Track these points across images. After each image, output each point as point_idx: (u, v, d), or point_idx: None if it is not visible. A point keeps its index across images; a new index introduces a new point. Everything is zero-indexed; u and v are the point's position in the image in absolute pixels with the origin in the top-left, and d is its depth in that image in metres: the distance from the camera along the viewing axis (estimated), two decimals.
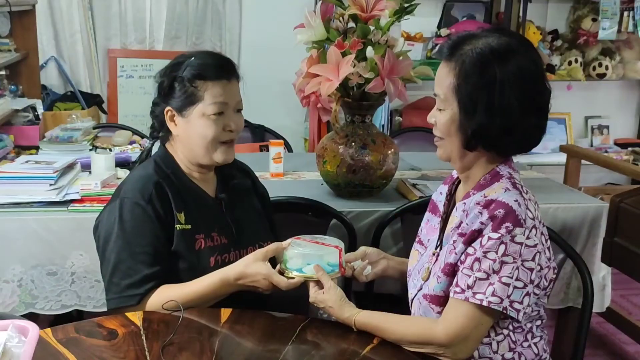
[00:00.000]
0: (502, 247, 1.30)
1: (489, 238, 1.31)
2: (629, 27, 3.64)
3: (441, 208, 1.54)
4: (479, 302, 1.30)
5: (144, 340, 1.36)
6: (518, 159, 3.99)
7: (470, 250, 1.34)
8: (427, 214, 1.60)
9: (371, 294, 2.08)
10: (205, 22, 3.83)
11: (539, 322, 1.46)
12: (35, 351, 1.13)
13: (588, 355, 2.37)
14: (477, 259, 1.31)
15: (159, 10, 3.78)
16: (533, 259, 1.31)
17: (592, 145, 4.26)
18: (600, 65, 4.00)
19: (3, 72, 2.92)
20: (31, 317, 1.86)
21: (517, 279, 1.30)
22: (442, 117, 1.38)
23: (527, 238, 1.30)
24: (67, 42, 3.71)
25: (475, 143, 1.36)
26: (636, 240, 2.28)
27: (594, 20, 3.93)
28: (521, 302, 1.31)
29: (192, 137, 1.59)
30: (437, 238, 1.49)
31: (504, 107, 1.31)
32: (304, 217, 2.07)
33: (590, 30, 3.97)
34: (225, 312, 1.49)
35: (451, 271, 1.38)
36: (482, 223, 1.33)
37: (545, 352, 1.47)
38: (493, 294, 1.29)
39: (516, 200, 1.32)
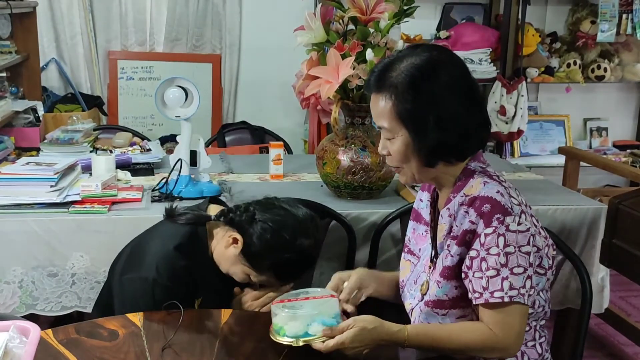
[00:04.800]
0: (501, 239, 1.31)
1: (486, 235, 1.32)
2: (627, 29, 3.65)
3: (426, 216, 1.54)
4: (514, 299, 1.30)
5: (145, 341, 1.36)
6: (517, 160, 4.01)
7: (472, 253, 1.34)
8: (412, 223, 1.60)
9: (370, 297, 2.08)
10: (205, 24, 3.83)
11: (543, 322, 1.47)
12: (36, 352, 1.14)
13: (587, 357, 2.37)
14: (483, 259, 1.32)
15: (159, 13, 3.79)
16: (528, 243, 1.33)
17: (590, 147, 4.27)
18: (599, 67, 4.00)
19: (4, 74, 2.93)
20: (32, 318, 1.86)
21: (517, 266, 1.31)
22: (394, 145, 1.39)
23: (519, 224, 1.32)
24: (68, 44, 3.71)
25: (435, 159, 1.38)
26: (635, 242, 2.29)
27: (593, 22, 3.94)
28: (524, 286, 1.32)
29: (225, 264, 1.61)
30: (431, 248, 1.49)
31: (453, 117, 1.34)
32: None
33: (589, 32, 3.97)
34: (226, 313, 1.50)
35: (451, 274, 1.38)
36: (472, 222, 1.34)
37: (547, 352, 1.48)
38: (511, 287, 1.30)
39: (498, 192, 1.34)
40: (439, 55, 1.38)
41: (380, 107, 1.38)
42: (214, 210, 1.69)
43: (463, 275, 1.37)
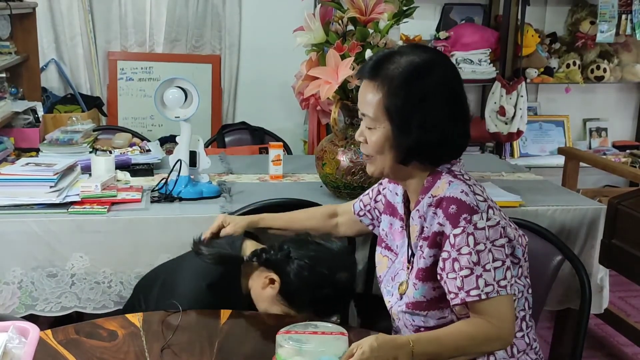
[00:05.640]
0: (471, 238, 1.32)
1: (455, 236, 1.33)
2: (627, 30, 3.65)
3: (400, 210, 1.54)
4: (491, 295, 1.31)
5: (144, 341, 1.37)
6: (516, 161, 4.00)
7: (444, 255, 1.35)
8: (388, 217, 1.58)
9: (370, 295, 2.08)
10: (205, 25, 3.83)
11: (530, 311, 1.48)
12: (36, 352, 1.14)
13: (586, 357, 2.38)
14: (455, 259, 1.33)
15: (159, 13, 3.79)
16: (501, 236, 1.34)
17: (590, 148, 4.27)
18: (598, 68, 4.00)
19: (3, 75, 2.93)
20: (31, 319, 1.86)
21: (494, 260, 1.32)
22: (374, 135, 1.40)
23: (488, 219, 1.33)
24: (68, 44, 3.71)
25: (410, 158, 1.39)
26: (634, 242, 2.29)
27: (592, 23, 3.94)
28: (505, 278, 1.33)
29: (262, 305, 1.58)
30: (407, 247, 1.49)
31: (437, 121, 1.35)
32: None
33: (588, 33, 3.98)
34: (225, 313, 1.50)
35: (426, 276, 1.39)
36: (440, 224, 1.35)
37: (535, 341, 1.49)
38: (486, 284, 1.31)
39: (462, 191, 1.35)
40: (438, 60, 1.40)
41: (369, 95, 1.38)
42: (250, 246, 1.66)
43: (438, 277, 1.38)
